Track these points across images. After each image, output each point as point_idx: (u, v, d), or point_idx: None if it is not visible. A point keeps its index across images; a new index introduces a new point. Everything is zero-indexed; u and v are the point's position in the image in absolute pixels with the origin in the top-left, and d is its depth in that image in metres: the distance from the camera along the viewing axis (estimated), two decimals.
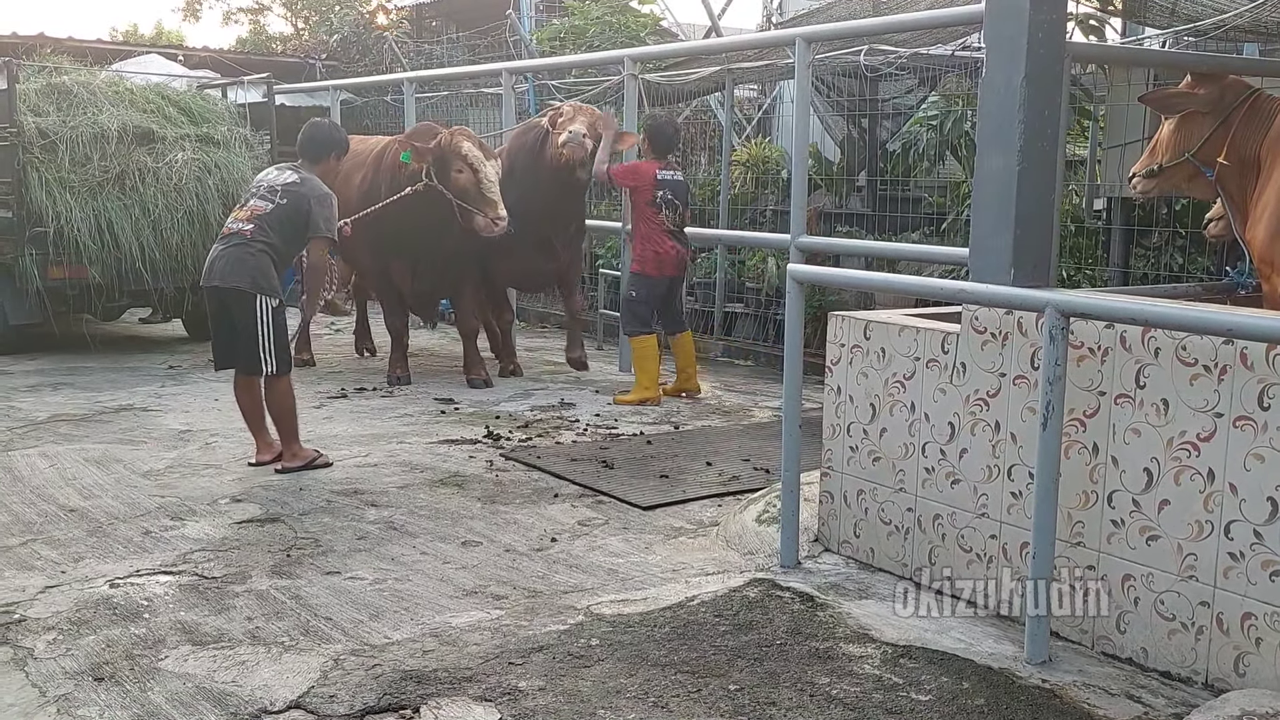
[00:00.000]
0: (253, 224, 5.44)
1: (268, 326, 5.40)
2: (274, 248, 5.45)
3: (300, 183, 5.54)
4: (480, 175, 7.07)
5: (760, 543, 4.35)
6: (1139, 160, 4.67)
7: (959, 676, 3.23)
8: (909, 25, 7.02)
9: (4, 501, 5.00)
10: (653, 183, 7.06)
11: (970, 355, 3.64)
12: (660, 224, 7.09)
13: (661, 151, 7.19)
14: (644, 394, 7.16)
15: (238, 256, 5.41)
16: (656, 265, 7.11)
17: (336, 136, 5.91)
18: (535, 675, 3.29)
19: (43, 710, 3.09)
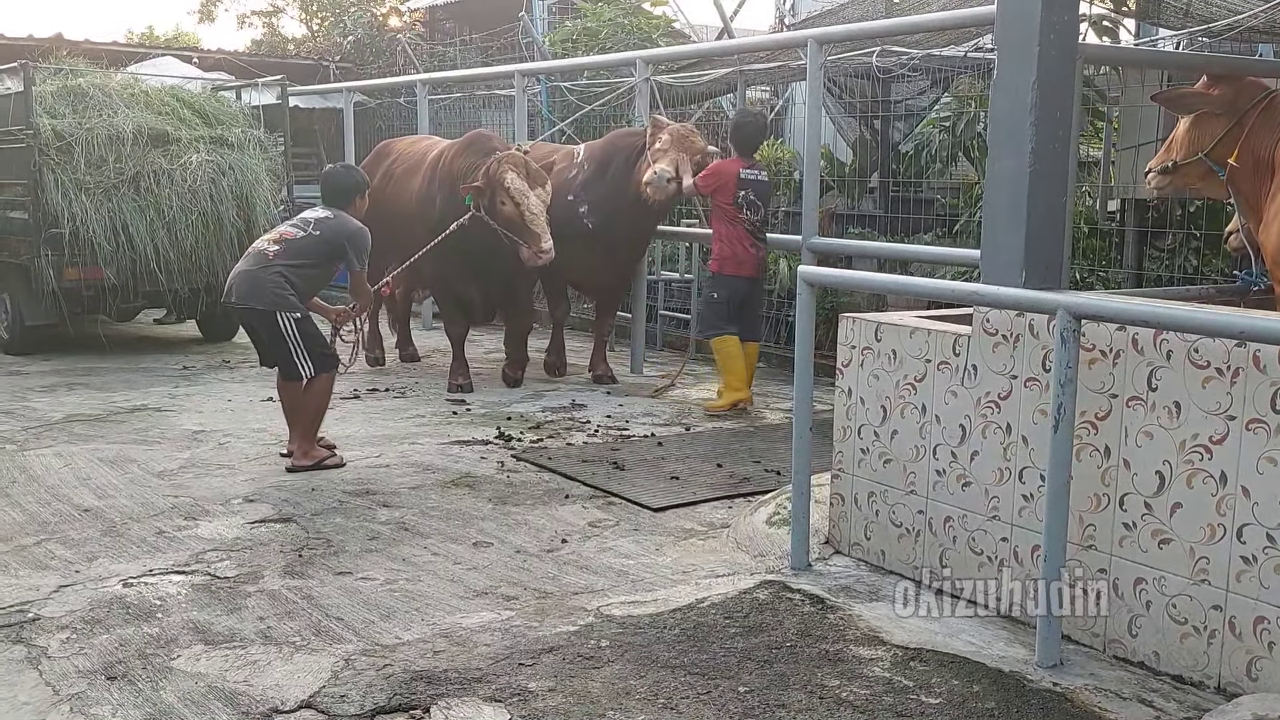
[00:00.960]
0: (279, 246, 5.58)
1: (295, 337, 5.50)
2: (294, 270, 5.53)
3: (334, 218, 5.68)
4: (523, 208, 6.92)
5: (771, 545, 4.35)
6: (1155, 157, 4.66)
7: (970, 679, 3.23)
8: (922, 26, 7.01)
9: (19, 501, 5.03)
10: (735, 183, 6.88)
11: (981, 357, 3.63)
12: (742, 224, 6.91)
13: (746, 149, 7.04)
14: (735, 396, 6.97)
15: (254, 276, 5.52)
16: (735, 265, 6.94)
17: (357, 179, 6.00)
18: (545, 676, 3.29)
19: (56, 709, 3.11)
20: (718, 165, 7.06)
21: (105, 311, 9.02)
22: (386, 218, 7.62)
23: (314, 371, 5.55)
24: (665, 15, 12.38)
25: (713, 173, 7.01)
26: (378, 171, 8.07)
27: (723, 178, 6.93)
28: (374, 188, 7.92)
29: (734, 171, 6.91)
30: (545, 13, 12.64)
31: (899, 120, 9.75)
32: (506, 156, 7.08)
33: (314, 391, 5.60)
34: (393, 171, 8.09)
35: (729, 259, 6.94)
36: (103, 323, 9.37)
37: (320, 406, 5.68)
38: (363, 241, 5.70)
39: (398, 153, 8.33)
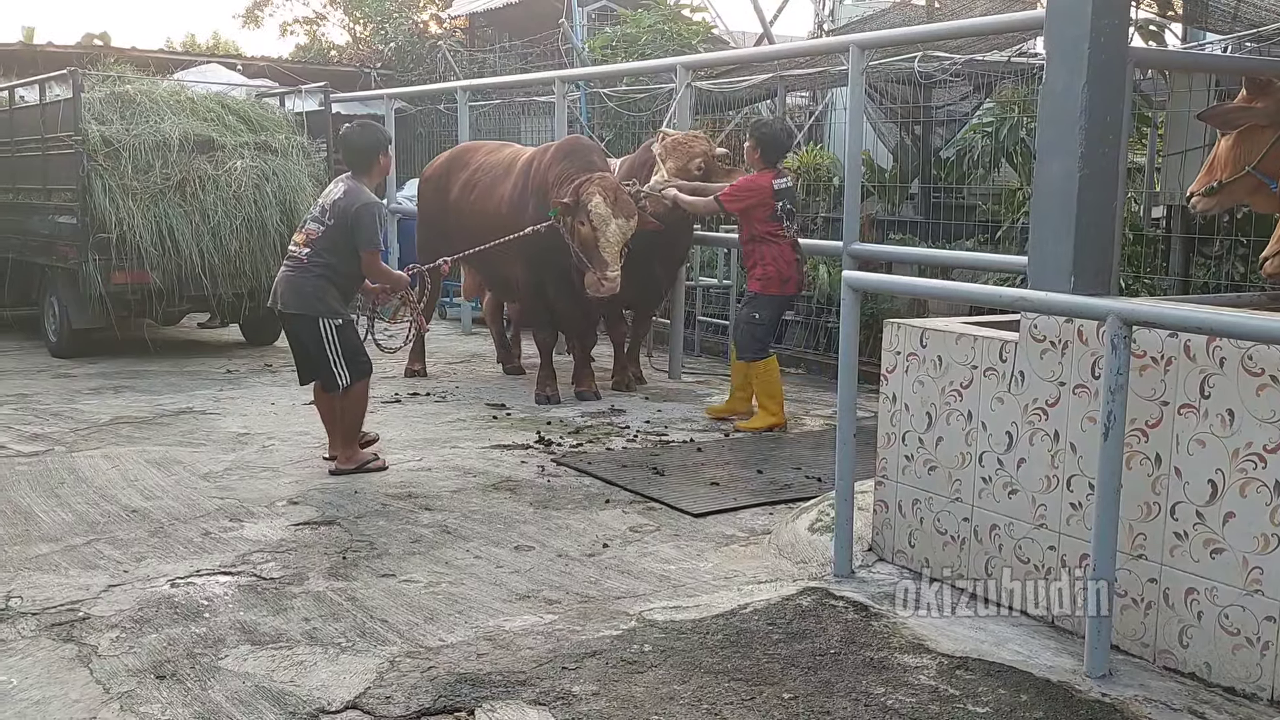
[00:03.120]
0: (308, 247, 5.56)
1: (334, 345, 5.52)
2: (332, 268, 5.52)
3: (343, 196, 5.56)
4: (600, 234, 6.76)
5: (813, 551, 4.33)
6: (1196, 179, 4.59)
7: (1017, 689, 3.19)
8: (964, 31, 6.98)
9: (68, 501, 5.11)
10: (771, 194, 6.50)
11: (1029, 364, 3.60)
12: (784, 237, 6.57)
13: (774, 160, 6.67)
14: (771, 420, 6.66)
15: (297, 282, 5.54)
16: (780, 284, 6.58)
17: (375, 137, 5.79)
18: (588, 680, 3.29)
19: (106, 707, 3.15)
20: (746, 182, 6.65)
21: (151, 315, 9.15)
22: (470, 223, 7.69)
23: (350, 380, 5.56)
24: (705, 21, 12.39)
25: (744, 189, 6.58)
26: (456, 181, 8.05)
27: (756, 194, 6.53)
28: (454, 196, 7.99)
29: (767, 184, 6.53)
30: (585, 19, 12.69)
31: (940, 126, 9.70)
32: (600, 178, 6.88)
33: (351, 397, 5.63)
34: (475, 181, 7.94)
35: (774, 279, 6.58)
36: (148, 326, 9.52)
37: (359, 411, 5.71)
38: (368, 216, 5.50)
39: (479, 162, 8.11)
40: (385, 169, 5.86)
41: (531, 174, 7.45)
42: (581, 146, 7.51)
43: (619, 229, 6.81)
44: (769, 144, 6.66)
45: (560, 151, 7.39)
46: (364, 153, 5.71)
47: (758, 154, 6.66)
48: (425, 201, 8.52)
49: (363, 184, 5.65)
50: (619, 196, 6.85)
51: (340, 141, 5.93)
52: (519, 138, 11.83)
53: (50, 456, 5.92)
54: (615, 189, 6.87)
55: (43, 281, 9.52)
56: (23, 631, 3.65)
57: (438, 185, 8.27)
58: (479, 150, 8.42)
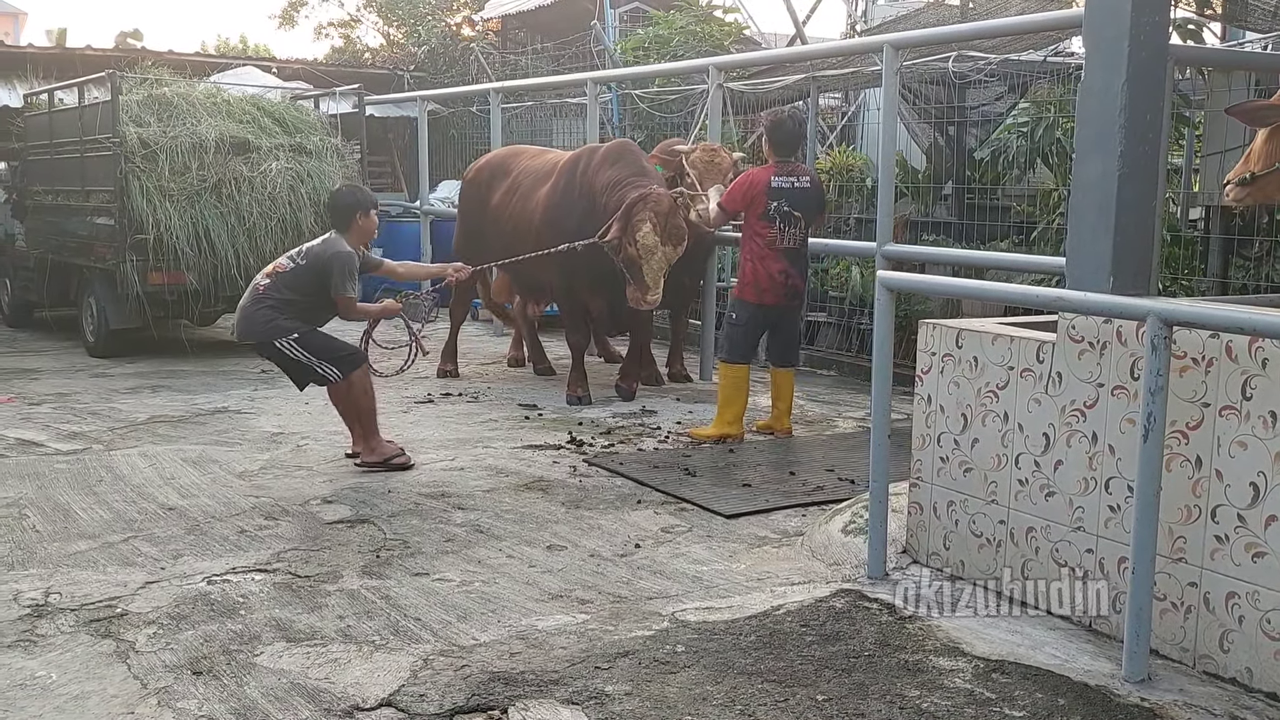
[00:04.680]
0: (269, 279, 5.70)
1: (302, 354, 5.61)
2: (289, 301, 5.62)
3: (321, 244, 5.75)
4: (644, 262, 6.73)
5: (846, 553, 4.31)
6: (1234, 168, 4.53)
7: (1054, 693, 3.16)
8: (1000, 30, 6.92)
9: (106, 499, 5.17)
10: (764, 191, 6.22)
11: (1067, 365, 3.56)
12: (772, 242, 6.25)
13: (784, 151, 6.39)
14: (725, 429, 6.37)
15: (248, 313, 5.70)
16: (755, 292, 6.31)
17: (354, 199, 5.92)
18: (621, 680, 3.29)
19: (144, 702, 3.18)
20: (744, 178, 6.46)
21: (187, 316, 9.25)
22: (507, 228, 7.74)
23: (341, 374, 5.63)
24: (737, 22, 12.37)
25: (739, 187, 6.38)
26: (499, 187, 8.05)
27: (750, 190, 6.27)
28: (495, 200, 7.99)
29: (763, 181, 6.25)
30: (617, 21, 12.70)
31: (974, 127, 9.62)
32: (655, 201, 6.76)
33: (355, 391, 5.66)
34: (516, 185, 7.93)
35: (748, 284, 6.33)
36: (184, 327, 9.62)
37: (368, 405, 5.72)
38: (337, 265, 5.60)
39: (521, 167, 8.08)
40: (366, 231, 5.86)
41: (577, 176, 7.39)
42: (630, 151, 7.43)
43: (664, 257, 6.78)
44: (776, 133, 6.42)
45: (609, 156, 7.32)
46: (342, 211, 5.84)
47: (769, 147, 6.49)
48: (465, 202, 8.56)
49: (342, 239, 5.74)
50: (669, 223, 6.76)
51: (328, 199, 6.13)
52: (551, 140, 11.87)
53: (88, 455, 6.00)
54: (667, 214, 6.77)
55: (81, 282, 9.65)
56: (62, 627, 3.70)
57: (479, 187, 8.29)
58: (522, 155, 8.41)
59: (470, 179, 8.57)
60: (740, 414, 6.48)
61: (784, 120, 6.58)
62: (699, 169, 7.23)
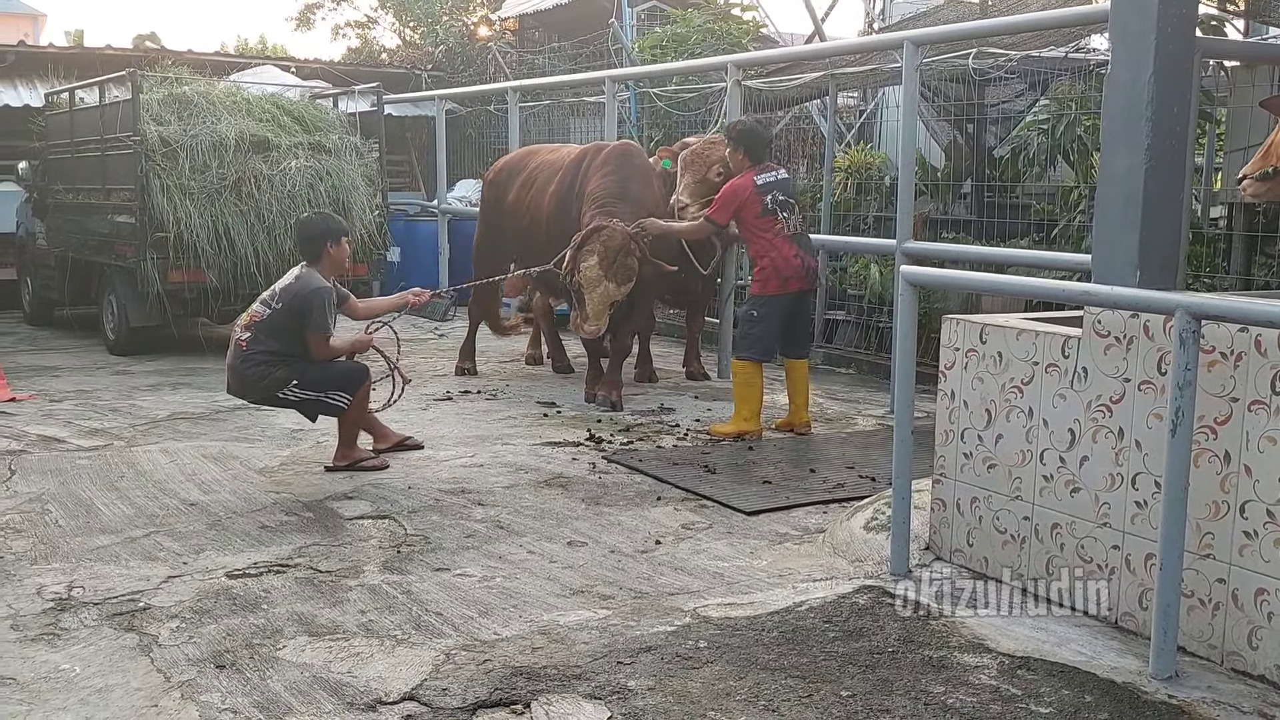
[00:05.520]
0: (249, 332, 5.52)
1: (305, 395, 5.51)
2: (274, 353, 5.48)
3: (295, 281, 5.54)
4: (586, 293, 6.73)
5: (869, 550, 4.29)
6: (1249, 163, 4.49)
7: (1080, 690, 3.13)
8: (1021, 27, 6.88)
9: (128, 495, 5.19)
10: (753, 191, 6.31)
11: (1092, 360, 3.53)
12: (779, 231, 6.30)
13: (759, 156, 6.45)
14: (743, 426, 6.35)
15: (238, 372, 5.55)
16: (780, 283, 6.29)
17: (325, 227, 5.73)
18: (644, 675, 3.28)
19: (167, 695, 3.18)
20: (728, 189, 6.45)
21: (207, 314, 9.27)
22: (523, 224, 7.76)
23: (348, 399, 5.55)
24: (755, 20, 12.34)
25: (725, 200, 6.42)
26: (515, 183, 8.03)
27: (738, 195, 6.34)
28: (511, 198, 7.96)
29: (748, 185, 6.32)
30: (634, 19, 12.69)
31: (993, 124, 9.57)
32: (607, 235, 6.71)
33: (354, 414, 5.66)
34: (531, 180, 7.91)
35: (771, 276, 6.31)
36: (203, 325, 9.65)
37: (356, 419, 5.67)
38: (317, 301, 5.43)
39: (537, 163, 8.07)
40: (338, 261, 5.68)
41: (579, 175, 7.41)
42: (629, 157, 7.34)
43: (606, 293, 6.71)
44: (748, 141, 6.45)
45: (607, 160, 7.29)
46: (311, 241, 5.64)
47: (741, 155, 6.48)
48: (485, 202, 8.57)
49: (315, 270, 5.56)
50: (618, 261, 6.70)
51: (295, 228, 5.98)
52: (568, 138, 11.86)
53: (110, 451, 6.02)
54: (617, 251, 6.69)
55: (101, 280, 9.69)
56: (85, 621, 3.71)
57: (498, 187, 8.28)
58: (539, 152, 8.40)
59: (489, 179, 8.57)
60: (758, 410, 6.46)
61: (752, 127, 6.59)
62: (685, 161, 7.25)
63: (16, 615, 3.75)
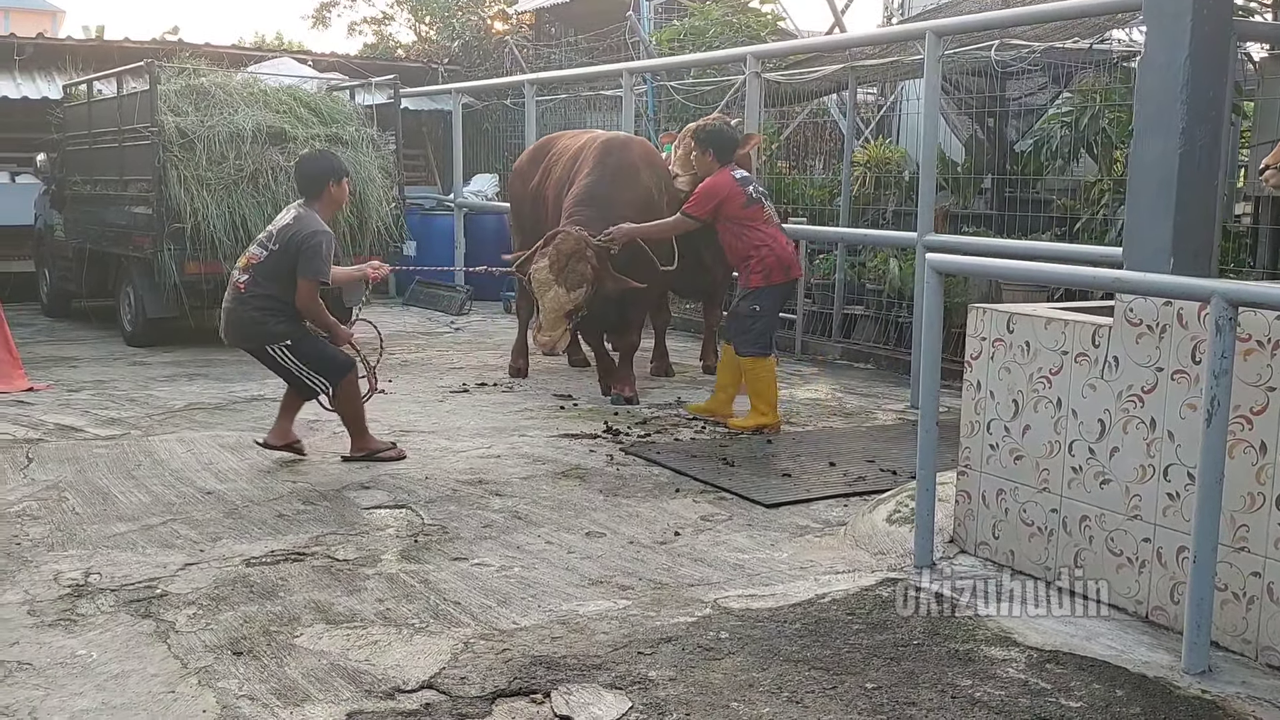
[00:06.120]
0: (248, 274, 5.40)
1: (293, 362, 5.40)
2: (272, 297, 5.35)
3: (294, 222, 5.39)
4: (539, 297, 6.60)
5: (891, 543, 4.23)
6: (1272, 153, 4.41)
7: (1111, 684, 3.07)
8: (1046, 16, 6.79)
9: (145, 483, 5.17)
10: (734, 186, 6.24)
11: (1124, 349, 3.46)
12: (769, 219, 6.30)
13: (727, 157, 6.36)
14: (761, 419, 6.30)
15: (236, 315, 5.44)
16: (783, 271, 6.26)
17: (327, 165, 5.63)
18: (665, 665, 3.23)
19: (184, 681, 3.15)
20: (705, 186, 6.36)
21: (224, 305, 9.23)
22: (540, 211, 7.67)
23: (331, 384, 5.44)
24: (774, 12, 12.26)
25: (705, 194, 6.31)
26: (536, 170, 7.93)
27: (719, 190, 6.26)
28: (534, 184, 7.87)
29: (727, 180, 6.25)
30: (652, 12, 12.63)
31: (1014, 118, 9.48)
32: (562, 239, 6.56)
33: (343, 403, 5.52)
34: (550, 167, 7.80)
35: (775, 266, 6.22)
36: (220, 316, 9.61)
37: (356, 411, 5.56)
38: (315, 245, 5.29)
39: (559, 147, 7.95)
40: (338, 200, 5.60)
41: (574, 169, 7.29)
42: (605, 163, 7.09)
43: (557, 298, 6.51)
44: (717, 142, 6.38)
45: (587, 161, 7.14)
46: (314, 179, 5.53)
47: (709, 156, 6.40)
48: (512, 190, 8.50)
49: (314, 211, 5.45)
50: (568, 265, 6.50)
51: (296, 165, 5.84)
52: None
53: (126, 440, 6.01)
54: (568, 256, 6.51)
55: (119, 272, 9.69)
56: (102, 607, 3.69)
57: (521, 174, 8.20)
58: (561, 139, 8.26)
59: (515, 168, 8.50)
60: (775, 401, 6.40)
61: (719, 128, 6.47)
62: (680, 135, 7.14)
63: (33, 601, 3.72)
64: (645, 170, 7.23)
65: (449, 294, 11.78)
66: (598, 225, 6.66)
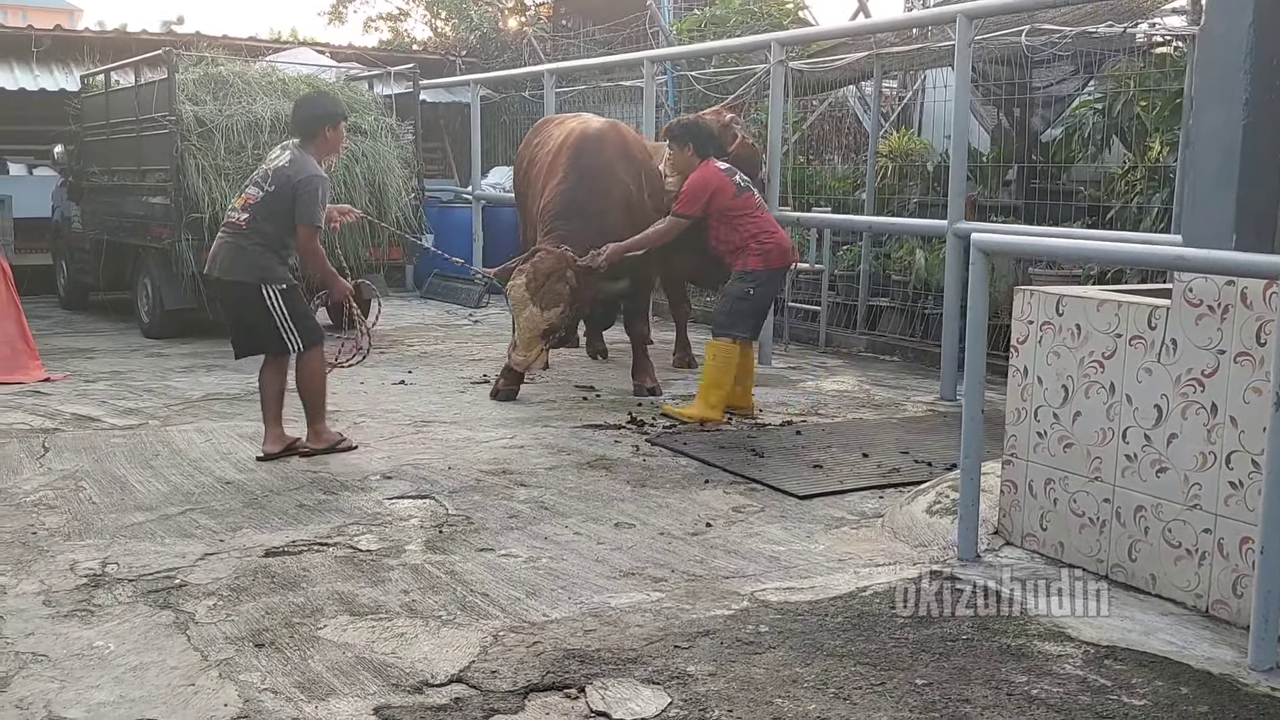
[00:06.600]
0: (247, 213, 5.25)
1: (280, 310, 5.23)
2: (271, 237, 5.23)
3: (289, 164, 5.25)
4: (516, 315, 6.44)
5: (932, 535, 4.08)
6: None
7: (1175, 681, 2.92)
8: None
9: (162, 473, 5.06)
10: (722, 177, 6.13)
11: (1183, 330, 3.31)
12: (760, 206, 6.18)
13: (708, 150, 6.24)
14: (708, 413, 6.07)
15: (235, 247, 5.25)
16: (779, 254, 6.13)
17: (324, 109, 5.50)
18: (703, 660, 3.10)
19: (205, 674, 3.04)
20: (692, 183, 6.19)
21: None
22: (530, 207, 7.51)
23: (303, 345, 5.28)
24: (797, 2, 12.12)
25: (694, 191, 6.14)
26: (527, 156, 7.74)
27: (708, 184, 6.11)
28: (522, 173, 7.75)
29: (713, 171, 6.14)
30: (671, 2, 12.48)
31: (1041, 107, 9.30)
32: (540, 258, 6.32)
33: (309, 371, 5.37)
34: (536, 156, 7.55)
35: (770, 251, 6.07)
36: None
37: (319, 387, 5.41)
38: (312, 189, 5.15)
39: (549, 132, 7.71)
40: (333, 144, 5.44)
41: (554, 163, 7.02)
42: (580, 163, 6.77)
43: (531, 317, 6.28)
44: (695, 136, 6.25)
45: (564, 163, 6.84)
46: (309, 120, 5.38)
47: (689, 151, 6.24)
48: (515, 178, 8.37)
49: (309, 154, 5.31)
50: (546, 284, 6.24)
51: (293, 107, 5.72)
52: None
53: (144, 430, 5.91)
54: (546, 275, 6.25)
55: (136, 263, 9.59)
56: (119, 597, 3.58)
57: (519, 160, 8.04)
58: (550, 123, 8.05)
59: (517, 156, 8.34)
60: (725, 397, 6.16)
61: (696, 122, 6.33)
62: None
63: (49, 591, 3.62)
64: (621, 165, 6.92)
65: (466, 287, 11.68)
66: (580, 240, 6.40)
